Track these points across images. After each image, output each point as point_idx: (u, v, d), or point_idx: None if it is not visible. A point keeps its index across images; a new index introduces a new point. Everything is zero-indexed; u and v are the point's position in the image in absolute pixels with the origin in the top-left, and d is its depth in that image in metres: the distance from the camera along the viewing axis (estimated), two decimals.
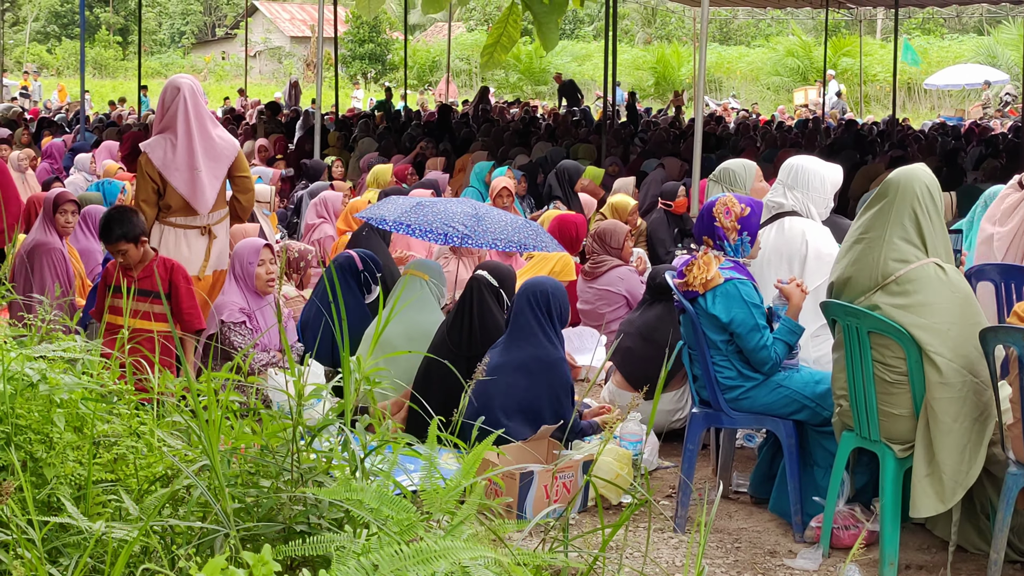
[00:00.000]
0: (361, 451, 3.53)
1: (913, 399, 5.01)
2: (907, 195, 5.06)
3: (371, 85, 52.19)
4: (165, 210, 7.19)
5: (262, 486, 3.40)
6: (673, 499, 5.99)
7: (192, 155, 7.15)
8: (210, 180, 7.24)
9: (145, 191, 7.18)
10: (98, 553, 3.09)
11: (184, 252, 7.21)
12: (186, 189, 7.15)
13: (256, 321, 6.88)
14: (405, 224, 7.72)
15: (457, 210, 7.85)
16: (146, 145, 7.28)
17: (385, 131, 21.30)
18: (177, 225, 7.22)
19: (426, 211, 7.83)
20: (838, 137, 21.54)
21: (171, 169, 7.13)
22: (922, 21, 50.54)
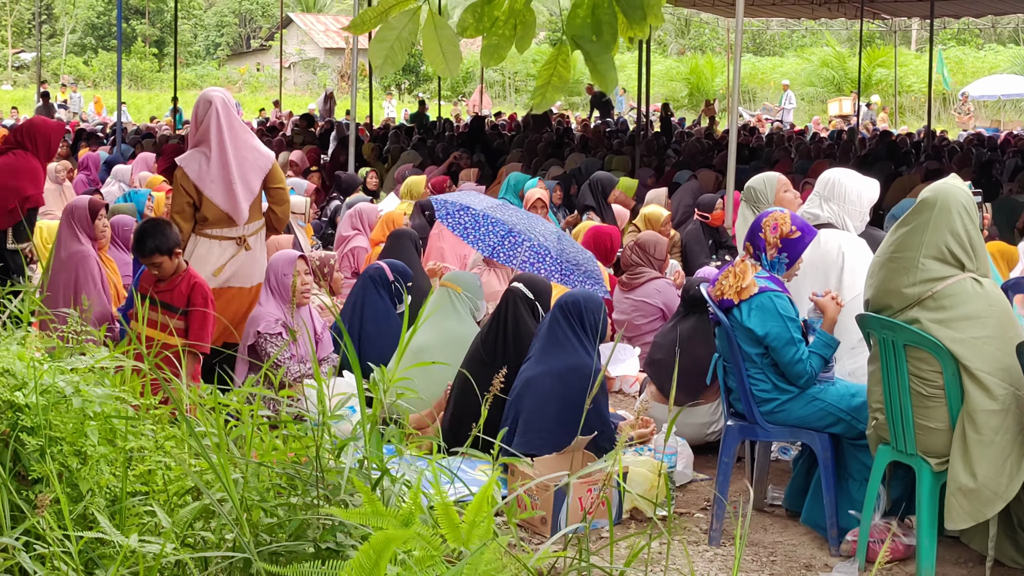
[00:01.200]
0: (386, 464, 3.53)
1: (949, 413, 4.98)
2: (942, 214, 5.03)
3: (404, 96, 52.32)
4: (202, 222, 7.21)
5: (292, 502, 3.40)
6: (708, 512, 5.97)
7: (227, 168, 7.17)
8: (245, 192, 7.24)
9: (179, 204, 7.20)
10: (130, 564, 3.10)
11: (214, 262, 7.24)
12: (223, 201, 7.17)
13: (293, 332, 6.89)
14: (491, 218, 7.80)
15: (539, 223, 7.95)
16: (181, 159, 7.29)
17: (419, 142, 21.35)
18: (213, 236, 7.23)
19: (511, 211, 7.91)
20: (872, 148, 21.46)
21: (206, 182, 7.15)
22: (957, 31, 50.31)
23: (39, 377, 3.42)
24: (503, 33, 2.88)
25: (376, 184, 15.21)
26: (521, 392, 6.19)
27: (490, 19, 2.81)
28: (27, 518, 3.11)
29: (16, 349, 3.73)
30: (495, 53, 2.86)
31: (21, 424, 3.32)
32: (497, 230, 8.19)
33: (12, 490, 3.23)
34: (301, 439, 3.61)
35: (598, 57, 2.80)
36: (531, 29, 2.86)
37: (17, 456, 3.33)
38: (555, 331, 6.29)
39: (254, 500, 3.38)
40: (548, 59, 2.91)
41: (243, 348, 6.84)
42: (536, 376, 6.18)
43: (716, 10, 35.10)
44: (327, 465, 3.48)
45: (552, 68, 2.91)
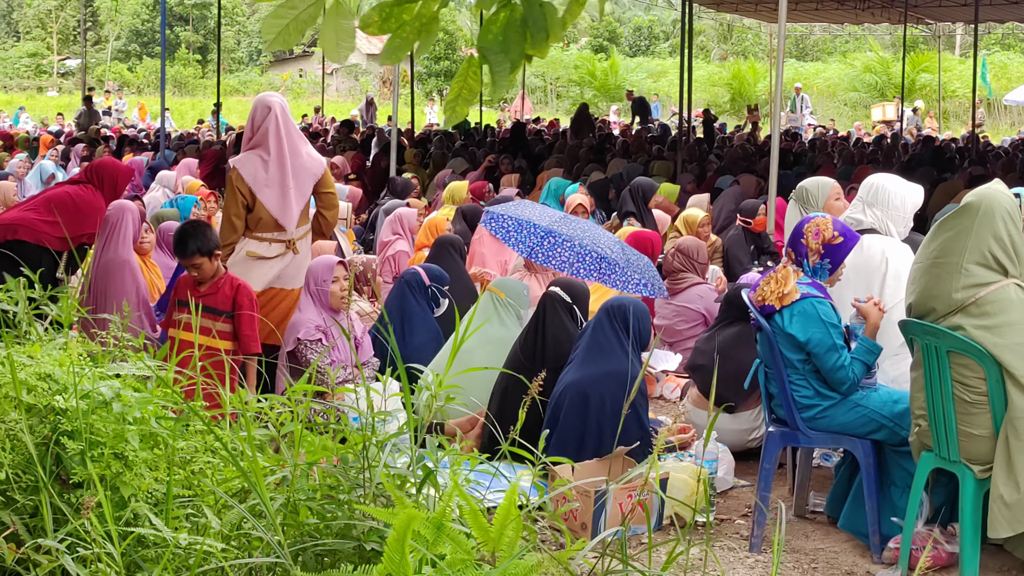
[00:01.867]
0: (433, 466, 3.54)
1: (993, 419, 4.94)
2: (985, 219, 4.99)
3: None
4: (253, 225, 7.24)
5: (340, 500, 3.42)
6: (749, 518, 5.94)
7: (284, 172, 7.20)
8: (297, 197, 7.29)
9: (235, 206, 7.22)
10: (175, 567, 3.12)
11: (263, 265, 7.28)
12: (276, 205, 7.20)
13: (332, 338, 6.92)
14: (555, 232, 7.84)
15: (601, 234, 7.98)
16: (236, 160, 7.33)
17: (461, 148, 21.39)
18: (263, 239, 7.26)
19: (573, 224, 7.94)
20: (916, 153, 21.34)
21: (261, 185, 7.18)
22: (1001, 36, 49.97)
23: (79, 382, 3.44)
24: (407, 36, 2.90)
25: (418, 191, 15.23)
26: (561, 396, 6.19)
27: (397, 21, 2.82)
28: (69, 522, 3.13)
29: (57, 354, 3.76)
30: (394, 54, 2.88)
31: (62, 428, 3.35)
32: (537, 232, 8.20)
33: (54, 494, 3.25)
34: (349, 440, 3.63)
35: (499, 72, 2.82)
36: (433, 36, 2.87)
37: (59, 460, 3.35)
38: (599, 336, 6.29)
39: (300, 500, 3.40)
40: (459, 73, 2.92)
41: (283, 354, 6.87)
42: (576, 381, 6.18)
43: (759, 15, 35.01)
44: (373, 465, 3.50)
45: (463, 81, 2.92)
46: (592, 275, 7.95)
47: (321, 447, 3.56)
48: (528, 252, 8.31)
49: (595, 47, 60.44)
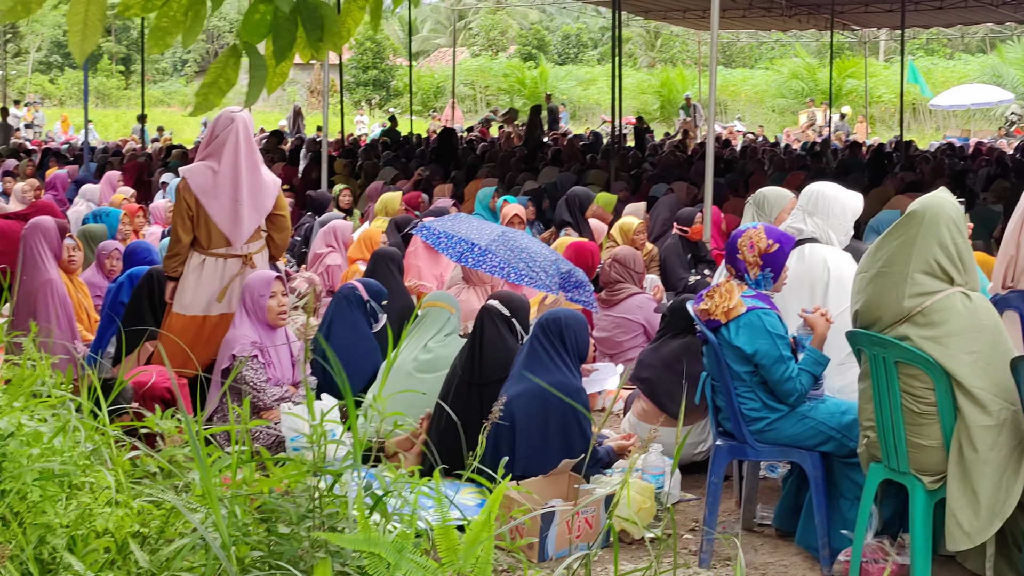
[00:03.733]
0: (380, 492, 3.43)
1: (943, 430, 4.89)
2: (931, 228, 4.95)
3: (375, 111, 52.27)
4: (205, 242, 7.12)
5: (282, 532, 3.29)
6: (697, 533, 5.87)
7: (237, 187, 7.09)
8: (250, 214, 7.19)
9: (181, 216, 7.13)
10: None
11: (218, 281, 7.16)
12: (223, 218, 7.08)
13: (268, 355, 6.78)
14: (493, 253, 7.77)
15: (539, 251, 7.91)
16: (186, 170, 7.24)
17: (393, 158, 21.25)
18: (218, 255, 7.14)
19: (512, 244, 7.86)
20: (844, 159, 21.48)
21: (210, 197, 7.07)
22: (926, 41, 50.65)
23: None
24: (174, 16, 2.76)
25: (349, 202, 15.09)
26: (502, 413, 6.08)
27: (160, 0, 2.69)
28: None
29: None
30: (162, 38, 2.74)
31: None
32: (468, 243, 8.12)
33: None
34: (292, 466, 3.49)
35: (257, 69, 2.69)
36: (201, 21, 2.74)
37: None
38: (535, 350, 6.20)
39: (236, 535, 3.25)
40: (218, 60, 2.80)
41: (217, 371, 6.72)
42: (517, 396, 6.07)
43: (686, 22, 35.22)
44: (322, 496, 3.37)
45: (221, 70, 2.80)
46: (524, 279, 7.87)
47: (250, 479, 3.42)
48: (459, 257, 8.22)
49: (524, 55, 60.51)
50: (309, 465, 3.33)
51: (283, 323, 6.84)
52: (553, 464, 5.88)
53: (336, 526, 3.30)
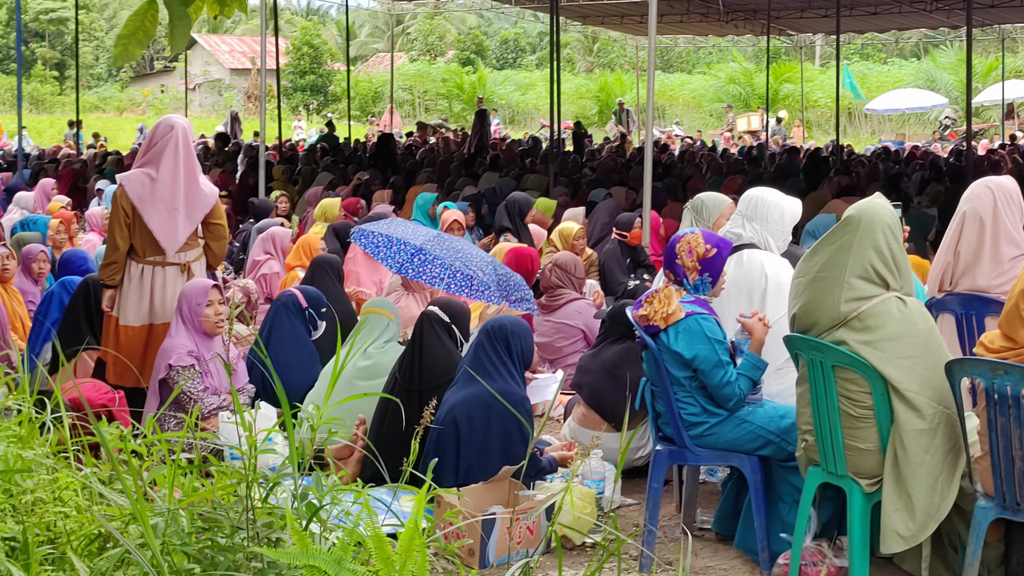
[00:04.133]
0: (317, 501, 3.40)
1: (879, 433, 4.93)
2: (867, 233, 4.98)
3: (313, 116, 52.10)
4: (141, 250, 7.07)
5: (219, 543, 3.25)
6: (637, 538, 5.88)
7: (173, 194, 7.05)
8: (185, 223, 7.14)
9: (117, 224, 7.08)
10: None
11: (159, 290, 7.09)
12: (159, 226, 7.03)
13: (205, 364, 6.72)
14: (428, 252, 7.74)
15: (474, 253, 7.89)
16: (123, 177, 7.18)
17: (331, 164, 21.16)
18: (156, 263, 7.08)
19: (447, 244, 7.83)
20: (783, 164, 21.63)
21: (146, 204, 7.02)
22: (861, 46, 51.09)
23: None
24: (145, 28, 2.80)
25: (287, 208, 15.00)
26: (445, 419, 6.07)
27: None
28: None
29: None
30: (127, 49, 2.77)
31: None
32: (408, 249, 8.10)
33: None
34: (224, 477, 3.45)
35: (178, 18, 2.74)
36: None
37: None
38: (480, 357, 6.18)
39: (175, 544, 3.22)
40: (136, 13, 2.83)
41: (154, 382, 6.65)
42: (460, 403, 6.06)
43: (624, 27, 35.35)
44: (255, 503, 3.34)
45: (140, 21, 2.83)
46: (463, 290, 7.87)
47: (191, 488, 3.39)
48: (399, 268, 8.20)
49: (462, 60, 60.54)
50: (239, 474, 3.29)
51: (220, 332, 6.79)
52: (495, 471, 5.87)
53: (273, 537, 3.27)
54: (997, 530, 4.97)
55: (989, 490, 4.83)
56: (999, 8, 28.48)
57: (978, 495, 4.89)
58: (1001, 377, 4.65)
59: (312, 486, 3.48)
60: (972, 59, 17.07)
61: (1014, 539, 5.01)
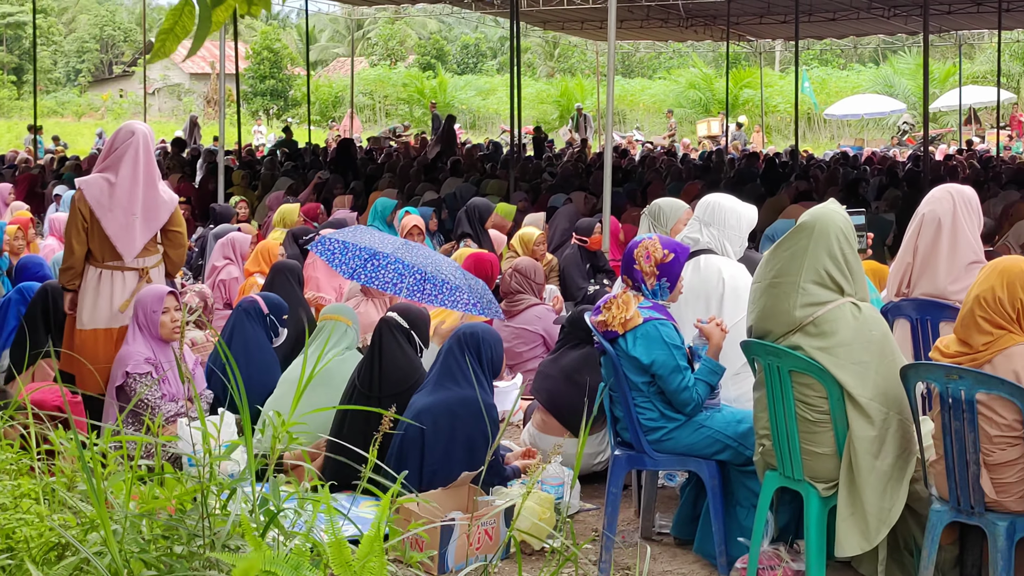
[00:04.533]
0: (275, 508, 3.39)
1: (836, 438, 4.97)
2: (820, 239, 5.02)
3: (273, 121, 51.96)
4: (99, 255, 7.05)
5: (175, 552, 3.25)
6: (596, 543, 5.89)
7: (132, 200, 7.03)
8: (143, 229, 7.11)
9: (75, 228, 7.05)
10: None
11: (118, 295, 7.07)
12: (116, 231, 7.01)
13: (163, 371, 6.70)
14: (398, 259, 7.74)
15: (442, 259, 7.89)
16: (82, 181, 7.15)
17: (292, 169, 21.11)
18: (114, 268, 7.06)
19: (415, 251, 7.83)
20: (742, 169, 21.72)
21: (104, 209, 6.99)
22: (820, 52, 51.41)
23: None
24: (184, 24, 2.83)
25: (246, 214, 14.95)
26: (409, 424, 6.06)
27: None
28: None
29: None
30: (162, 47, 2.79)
31: None
32: (363, 253, 8.08)
33: None
34: (184, 484, 3.44)
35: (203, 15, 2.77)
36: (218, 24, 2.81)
37: None
38: (449, 363, 6.18)
39: (133, 552, 3.21)
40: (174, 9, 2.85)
41: (111, 390, 6.62)
42: (427, 407, 6.05)
43: (584, 33, 35.44)
44: (213, 511, 3.33)
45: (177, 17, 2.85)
46: (415, 295, 7.85)
47: (151, 495, 3.38)
48: (351, 274, 8.19)
49: (423, 65, 60.50)
50: (194, 481, 3.29)
51: (177, 338, 6.76)
52: (457, 477, 5.88)
53: (231, 544, 3.26)
54: (952, 533, 5.01)
55: (944, 494, 4.88)
56: (956, 15, 28.74)
57: (933, 499, 4.93)
58: (955, 382, 4.69)
59: (271, 493, 3.48)
60: (930, 65, 17.20)
61: (968, 542, 5.06)
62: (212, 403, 6.92)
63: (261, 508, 3.38)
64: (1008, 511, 4.72)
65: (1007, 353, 4.72)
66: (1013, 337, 4.74)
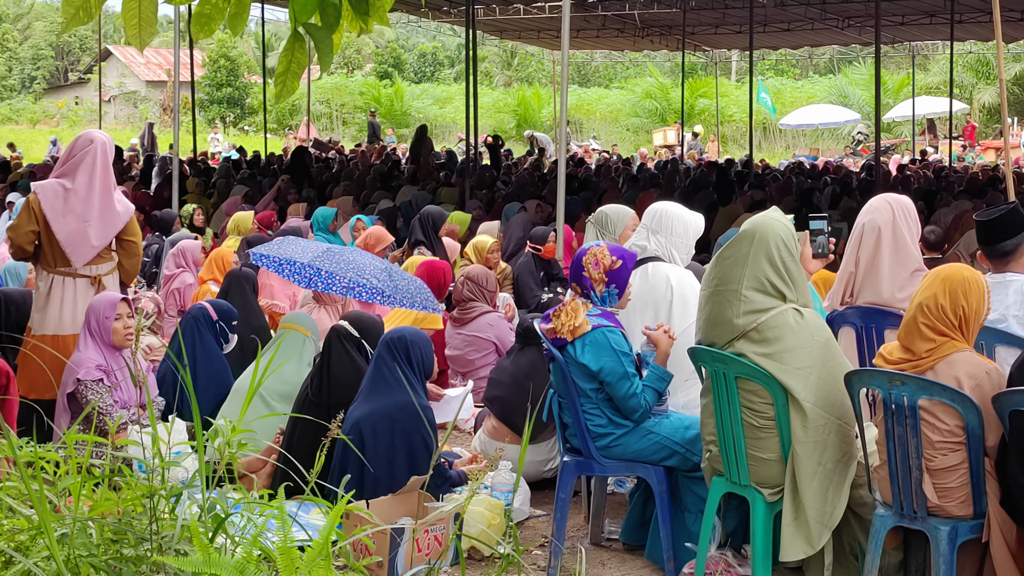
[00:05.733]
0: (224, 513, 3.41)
1: (781, 443, 5.02)
2: (760, 246, 5.07)
3: (230, 129, 51.74)
4: (52, 260, 7.06)
5: (125, 555, 3.26)
6: (546, 549, 5.93)
7: (87, 208, 7.05)
8: (95, 237, 7.12)
9: (23, 227, 7.07)
10: None
11: (69, 302, 7.07)
12: (67, 237, 7.02)
13: (114, 377, 6.68)
14: (317, 268, 7.71)
15: (367, 262, 7.84)
16: (38, 186, 7.16)
17: (247, 177, 21.05)
18: (65, 274, 7.05)
19: (337, 258, 7.80)
20: (696, 177, 21.82)
21: (57, 214, 7.00)
22: (775, 62, 51.69)
23: None
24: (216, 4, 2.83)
25: (202, 221, 14.90)
26: (350, 433, 6.07)
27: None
28: None
29: None
30: (206, 24, 2.81)
31: None
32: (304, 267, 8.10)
33: None
34: (134, 489, 3.45)
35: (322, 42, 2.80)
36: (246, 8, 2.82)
37: None
38: (381, 369, 6.18)
39: (82, 556, 3.22)
40: (285, 49, 2.89)
41: (62, 397, 6.60)
42: (364, 416, 6.06)
43: (541, 42, 35.53)
44: (161, 514, 3.35)
45: (291, 55, 2.89)
46: (375, 297, 7.88)
47: (103, 499, 3.39)
48: (307, 283, 8.19)
49: (380, 73, 60.42)
50: (146, 487, 3.30)
51: (129, 345, 6.75)
52: (402, 483, 5.89)
53: (180, 548, 3.28)
54: (895, 538, 5.06)
55: (887, 499, 4.93)
56: (909, 26, 29.01)
57: (877, 504, 4.99)
58: (898, 388, 4.75)
59: (219, 498, 3.50)
60: (884, 75, 17.33)
61: (911, 546, 5.11)
62: (163, 410, 6.91)
63: (210, 513, 3.40)
64: (950, 516, 4.78)
65: (949, 360, 4.78)
66: (955, 344, 4.80)
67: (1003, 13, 11.47)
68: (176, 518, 3.35)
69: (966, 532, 4.78)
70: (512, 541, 4.85)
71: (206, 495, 3.41)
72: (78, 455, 3.50)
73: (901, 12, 27.48)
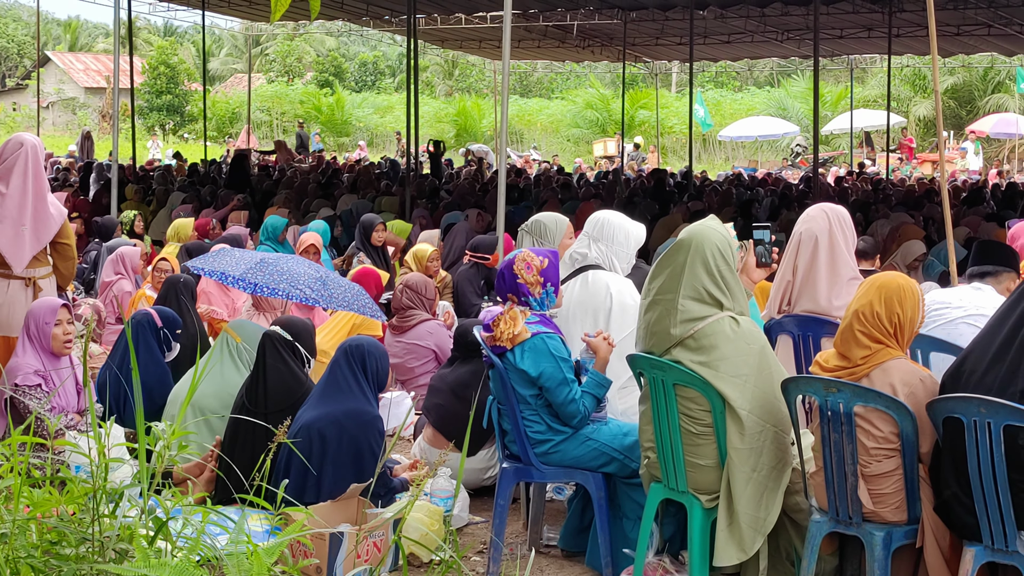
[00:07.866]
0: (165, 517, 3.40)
1: (719, 450, 5.06)
2: (697, 255, 5.11)
3: (169, 136, 51.43)
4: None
5: (65, 555, 3.25)
6: (485, 555, 5.94)
7: (22, 211, 7.02)
8: (32, 241, 7.10)
9: None
10: None
11: (4, 304, 7.07)
12: (5, 242, 7.01)
13: (53, 383, 6.64)
14: (250, 282, 7.67)
15: (302, 271, 7.81)
16: None
17: (186, 184, 20.94)
18: (3, 276, 7.02)
19: (271, 269, 7.76)
20: (636, 188, 21.94)
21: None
22: (715, 74, 52.01)
23: None
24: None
25: (142, 227, 14.81)
26: (297, 436, 6.06)
27: None
28: None
29: None
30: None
31: None
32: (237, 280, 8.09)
33: None
34: (77, 488, 3.44)
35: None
36: None
37: None
38: (336, 375, 6.17)
39: (21, 557, 3.21)
40: None
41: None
42: (314, 420, 6.05)
43: (482, 52, 35.58)
44: (102, 515, 3.34)
45: None
46: (320, 301, 7.88)
47: (43, 499, 3.38)
48: (253, 288, 8.17)
49: (321, 82, 60.24)
50: (88, 488, 3.30)
51: (68, 351, 6.71)
52: (345, 490, 5.89)
53: (120, 548, 3.27)
54: (831, 543, 5.11)
55: (823, 504, 4.99)
56: (847, 39, 29.31)
57: (812, 509, 5.04)
58: (834, 395, 4.80)
59: (159, 502, 3.49)
60: (822, 88, 17.50)
61: (847, 552, 5.16)
62: (101, 416, 6.86)
63: (150, 516, 3.39)
64: (885, 521, 4.83)
65: (884, 367, 4.84)
66: (890, 351, 4.86)
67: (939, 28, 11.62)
68: (116, 517, 3.34)
69: (900, 537, 4.84)
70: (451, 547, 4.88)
71: (147, 495, 3.41)
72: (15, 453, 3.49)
73: (840, 25, 27.78)
